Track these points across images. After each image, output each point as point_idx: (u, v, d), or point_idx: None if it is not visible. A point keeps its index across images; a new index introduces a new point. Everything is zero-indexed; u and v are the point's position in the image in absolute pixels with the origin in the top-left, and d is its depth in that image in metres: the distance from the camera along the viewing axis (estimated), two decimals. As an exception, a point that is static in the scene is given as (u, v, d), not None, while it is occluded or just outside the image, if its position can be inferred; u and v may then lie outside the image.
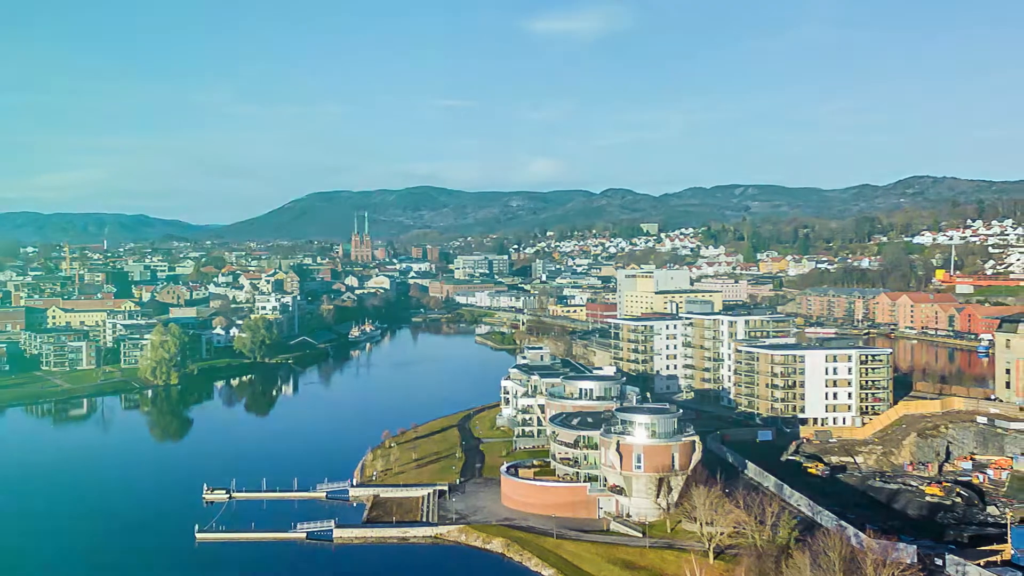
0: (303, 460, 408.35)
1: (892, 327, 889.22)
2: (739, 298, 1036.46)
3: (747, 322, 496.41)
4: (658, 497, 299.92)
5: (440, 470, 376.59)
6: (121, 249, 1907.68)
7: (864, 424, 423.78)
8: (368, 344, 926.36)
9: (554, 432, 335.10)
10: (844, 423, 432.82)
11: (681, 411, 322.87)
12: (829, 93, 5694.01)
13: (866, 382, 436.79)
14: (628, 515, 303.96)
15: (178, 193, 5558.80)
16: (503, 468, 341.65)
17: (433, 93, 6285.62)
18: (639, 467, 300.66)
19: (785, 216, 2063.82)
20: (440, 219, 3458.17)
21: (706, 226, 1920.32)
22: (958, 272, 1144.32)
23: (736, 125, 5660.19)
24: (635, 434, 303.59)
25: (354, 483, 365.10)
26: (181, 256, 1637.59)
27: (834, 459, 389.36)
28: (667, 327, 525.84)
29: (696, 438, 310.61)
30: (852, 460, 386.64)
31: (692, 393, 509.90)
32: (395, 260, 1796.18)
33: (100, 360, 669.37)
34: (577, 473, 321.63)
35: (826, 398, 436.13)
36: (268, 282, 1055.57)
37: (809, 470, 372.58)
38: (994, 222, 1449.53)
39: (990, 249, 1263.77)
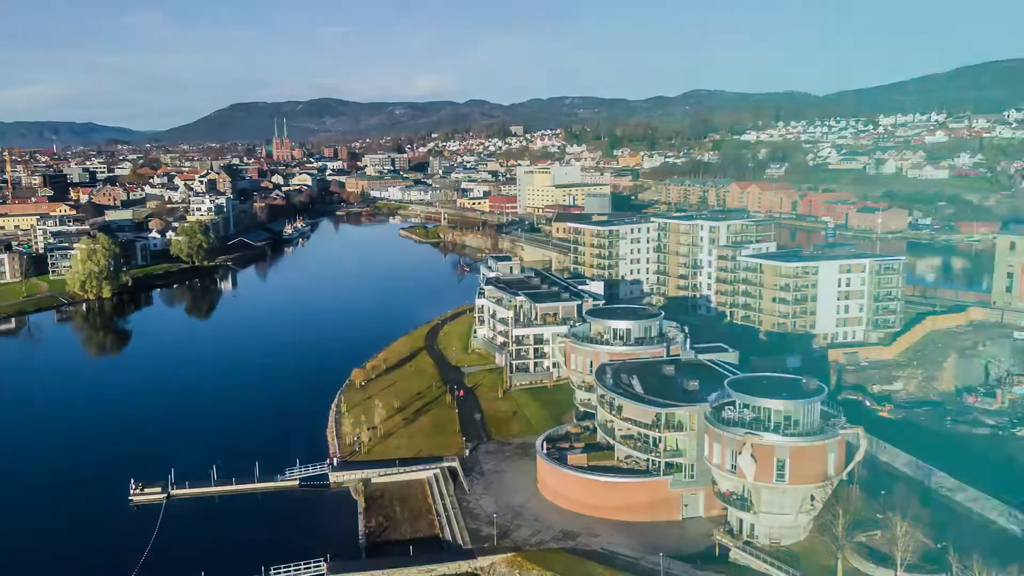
0: (258, 416, 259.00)
1: (743, 212, 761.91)
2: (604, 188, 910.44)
3: (729, 227, 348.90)
4: (800, 512, 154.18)
5: (435, 427, 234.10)
6: (69, 152, 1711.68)
7: (888, 342, 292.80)
8: (301, 239, 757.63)
9: (612, 400, 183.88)
10: (853, 337, 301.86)
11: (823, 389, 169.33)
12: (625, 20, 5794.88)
13: (878, 294, 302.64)
14: (753, 535, 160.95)
15: (122, 103, 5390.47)
16: (539, 445, 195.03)
17: (327, 20, 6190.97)
18: (782, 478, 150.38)
19: (606, 121, 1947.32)
20: (339, 125, 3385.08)
21: (567, 127, 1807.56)
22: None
23: (565, 47, 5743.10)
24: (773, 430, 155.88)
25: (335, 463, 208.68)
26: (121, 159, 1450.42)
27: (875, 388, 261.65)
28: (632, 231, 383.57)
29: (860, 430, 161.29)
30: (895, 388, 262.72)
31: (662, 299, 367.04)
32: (311, 159, 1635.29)
33: (27, 272, 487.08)
34: (651, 461, 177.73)
35: (838, 312, 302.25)
36: (202, 182, 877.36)
37: (880, 414, 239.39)
38: (793, 122, 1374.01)
39: (803, 145, 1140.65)
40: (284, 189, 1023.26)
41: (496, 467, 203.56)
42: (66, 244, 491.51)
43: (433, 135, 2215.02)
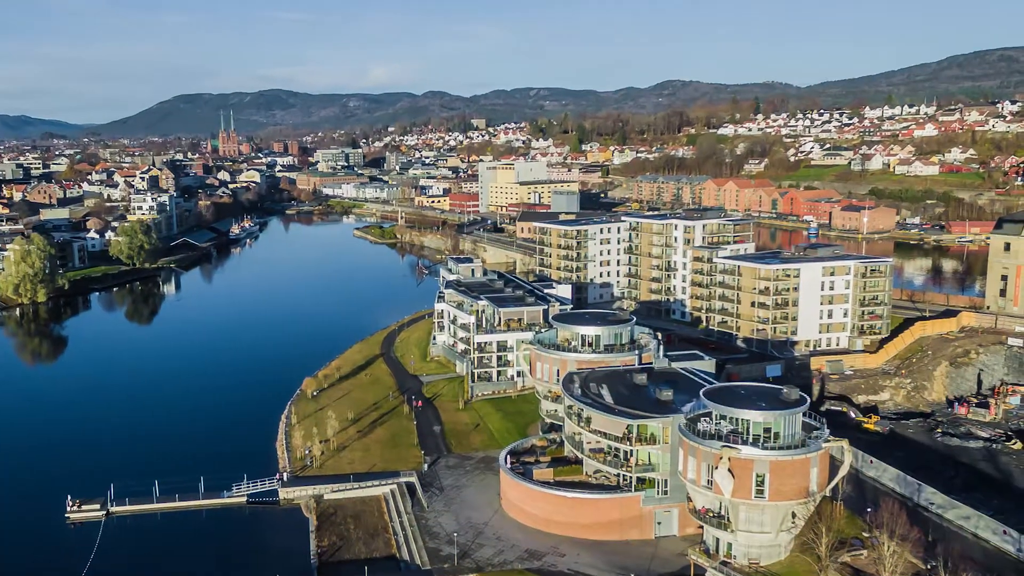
0: (203, 428, 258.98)
1: (720, 210, 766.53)
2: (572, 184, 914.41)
3: (704, 227, 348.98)
4: (780, 531, 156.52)
5: (392, 440, 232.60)
6: (1, 147, 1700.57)
7: (874, 349, 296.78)
8: (249, 240, 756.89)
9: (580, 411, 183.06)
10: (837, 344, 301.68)
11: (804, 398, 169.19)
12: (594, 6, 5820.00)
13: (864, 298, 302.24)
14: (731, 555, 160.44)
15: (58, 94, 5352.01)
16: (503, 459, 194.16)
17: (276, 7, 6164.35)
18: (762, 494, 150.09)
19: (574, 113, 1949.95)
20: (290, 118, 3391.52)
21: (533, 120, 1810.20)
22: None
23: (530, 35, 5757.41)
24: (752, 443, 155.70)
25: (285, 478, 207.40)
26: (57, 154, 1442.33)
27: (861, 398, 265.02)
28: (601, 231, 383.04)
29: (844, 443, 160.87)
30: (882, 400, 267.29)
31: (633, 304, 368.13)
32: (260, 155, 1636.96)
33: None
34: (622, 476, 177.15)
35: (821, 317, 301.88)
36: (143, 179, 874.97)
37: (865, 426, 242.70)
38: (773, 115, 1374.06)
39: (784, 139, 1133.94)
40: (231, 186, 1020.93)
41: (457, 483, 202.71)
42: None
43: (390, 129, 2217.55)
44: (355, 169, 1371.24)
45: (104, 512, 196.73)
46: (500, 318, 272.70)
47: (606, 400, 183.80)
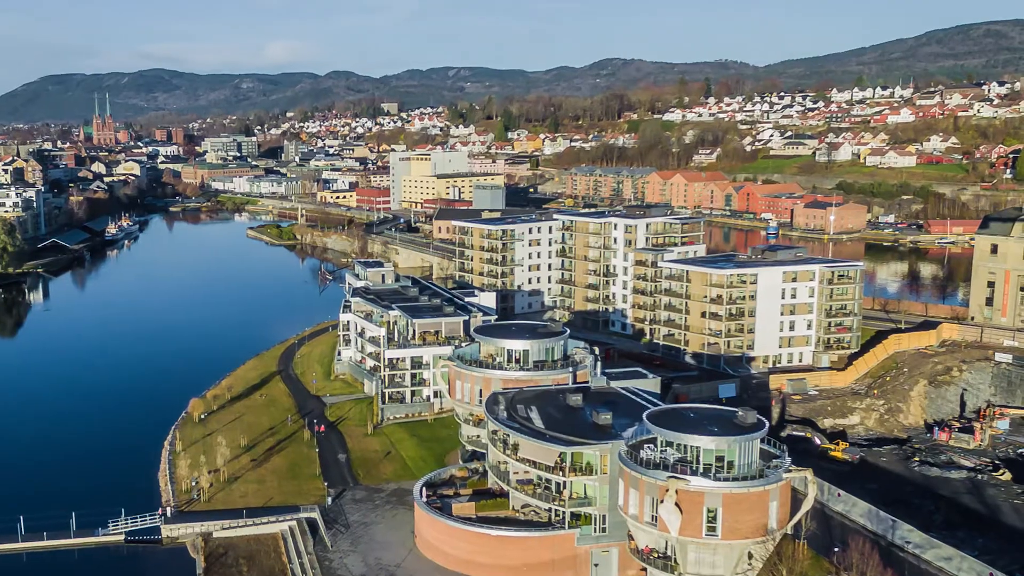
0: (74, 456, 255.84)
1: (666, 207, 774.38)
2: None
3: (648, 226, 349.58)
4: (735, 573, 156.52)
5: (290, 470, 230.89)
6: None
7: (842, 366, 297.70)
8: (127, 241, 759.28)
9: (506, 437, 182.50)
10: (800, 360, 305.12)
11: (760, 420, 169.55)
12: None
13: (830, 307, 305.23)
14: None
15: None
16: (417, 492, 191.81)
17: None
18: (713, 532, 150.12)
19: (499, 96, 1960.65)
20: (174, 101, 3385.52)
21: (452, 104, 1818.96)
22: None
23: (446, 8, 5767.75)
24: (702, 473, 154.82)
25: (168, 513, 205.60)
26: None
27: (827, 422, 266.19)
28: (530, 231, 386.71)
29: (808, 473, 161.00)
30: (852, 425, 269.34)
31: (567, 314, 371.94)
32: (140, 144, 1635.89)
33: None
34: (554, 511, 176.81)
35: (781, 329, 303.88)
36: (6, 171, 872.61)
37: (832, 454, 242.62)
38: (726, 99, 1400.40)
39: (739, 126, 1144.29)
40: (107, 180, 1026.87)
41: (365, 518, 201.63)
42: None
43: (288, 114, 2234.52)
44: (249, 160, 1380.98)
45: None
46: (414, 330, 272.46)
47: (536, 424, 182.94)
